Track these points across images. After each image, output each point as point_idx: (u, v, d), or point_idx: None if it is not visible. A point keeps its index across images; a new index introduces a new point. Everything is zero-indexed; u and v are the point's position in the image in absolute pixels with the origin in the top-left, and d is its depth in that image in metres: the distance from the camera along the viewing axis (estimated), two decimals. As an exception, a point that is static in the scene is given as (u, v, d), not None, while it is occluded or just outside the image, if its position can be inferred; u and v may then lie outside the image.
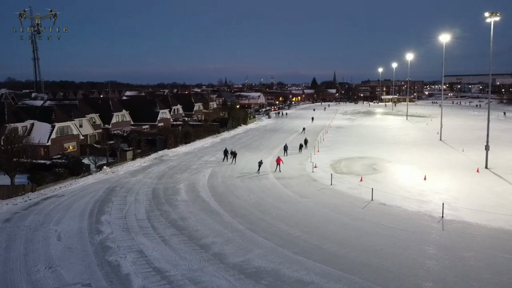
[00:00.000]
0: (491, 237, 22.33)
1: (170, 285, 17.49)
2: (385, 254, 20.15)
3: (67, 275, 18.60)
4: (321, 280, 17.67)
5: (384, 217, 25.82)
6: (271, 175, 38.48)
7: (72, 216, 27.17)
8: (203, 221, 25.77)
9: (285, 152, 47.89)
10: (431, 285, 17.16)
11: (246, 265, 19.26)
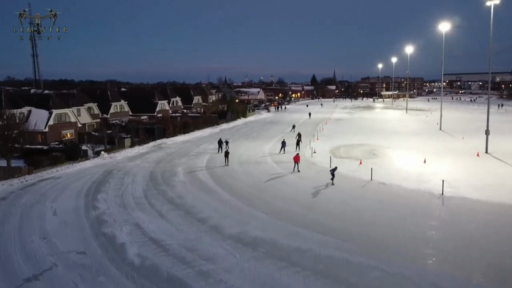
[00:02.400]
0: (492, 212, 22.06)
1: (166, 253, 17.21)
2: (384, 227, 19.88)
3: (62, 245, 18.34)
4: (319, 248, 17.40)
5: (384, 195, 25.55)
6: (269, 160, 38.20)
7: (69, 195, 26.89)
8: (201, 198, 25.49)
9: (282, 149, 41.51)
10: (431, 252, 16.90)
11: (243, 235, 19.00)
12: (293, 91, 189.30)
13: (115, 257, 16.85)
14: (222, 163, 36.01)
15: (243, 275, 14.99)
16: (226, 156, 36.39)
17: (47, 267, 16.05)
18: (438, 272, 15.08)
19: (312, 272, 15.18)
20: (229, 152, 37.43)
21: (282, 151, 41.02)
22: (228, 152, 37.15)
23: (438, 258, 16.28)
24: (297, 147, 41.83)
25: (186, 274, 15.15)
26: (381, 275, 14.86)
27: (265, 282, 14.47)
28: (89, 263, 16.33)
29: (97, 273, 15.48)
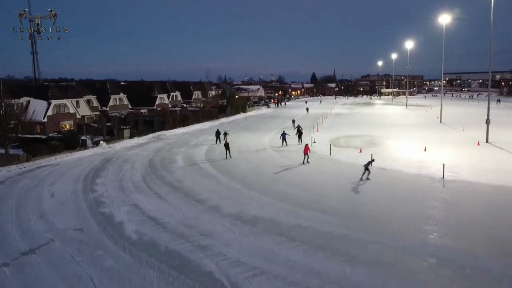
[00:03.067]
0: (493, 193, 21.87)
1: (165, 229, 17.04)
2: (385, 207, 19.67)
3: (59, 223, 18.18)
4: (319, 225, 17.22)
5: (384, 179, 25.36)
6: (269, 149, 38.02)
7: (67, 179, 26.74)
8: (200, 182, 25.33)
9: (283, 142, 39.13)
10: (432, 228, 16.73)
11: (243, 214, 18.83)
12: (293, 88, 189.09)
13: (112, 234, 16.69)
14: (221, 154, 35.67)
15: (242, 249, 14.82)
16: (227, 148, 33.37)
17: (44, 242, 15.89)
18: (439, 245, 14.93)
19: (311, 246, 15.01)
20: (228, 143, 34.55)
21: (285, 144, 38.81)
22: (228, 144, 34.30)
23: (439, 233, 16.12)
24: (299, 139, 40.12)
25: (184, 248, 14.98)
26: (381, 248, 14.69)
27: (264, 254, 14.30)
28: (86, 239, 16.17)
29: (94, 247, 15.31)
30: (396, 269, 13.02)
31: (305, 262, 13.66)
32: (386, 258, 13.87)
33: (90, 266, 13.68)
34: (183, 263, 13.78)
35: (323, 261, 13.69)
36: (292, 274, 12.76)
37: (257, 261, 13.74)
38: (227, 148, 33.30)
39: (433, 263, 13.46)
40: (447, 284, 12.04)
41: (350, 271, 12.90)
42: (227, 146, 33.57)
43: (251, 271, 13.03)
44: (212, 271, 13.08)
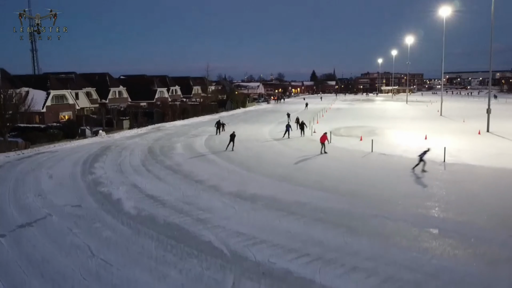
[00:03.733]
0: (494, 175, 21.73)
1: (163, 205, 16.88)
2: (386, 187, 19.47)
3: (57, 200, 18.02)
4: (319, 201, 17.05)
5: (385, 163, 25.24)
6: (269, 138, 37.87)
7: (65, 163, 26.59)
8: (199, 166, 25.18)
9: (286, 133, 37.29)
10: (434, 204, 16.58)
11: (242, 193, 18.66)
12: (293, 86, 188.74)
13: (110, 209, 16.53)
14: (222, 143, 35.43)
15: (242, 222, 14.65)
16: (232, 140, 30.76)
17: (41, 217, 15.72)
18: (441, 218, 14.77)
19: (312, 219, 14.85)
20: (235, 135, 31.47)
21: (287, 136, 36.97)
22: (234, 135, 31.27)
23: (441, 208, 15.96)
24: (301, 132, 38.30)
25: (183, 221, 14.81)
26: (382, 221, 14.52)
27: (264, 227, 14.13)
28: (84, 214, 16.01)
29: (92, 221, 15.15)
30: (398, 239, 12.85)
31: (305, 232, 13.50)
32: (388, 230, 13.71)
33: (88, 236, 13.52)
34: (182, 234, 13.61)
35: (324, 232, 13.53)
36: (292, 243, 12.59)
37: (257, 232, 13.58)
38: (232, 139, 30.74)
39: (435, 233, 13.30)
40: (450, 251, 11.86)
41: (351, 240, 12.74)
42: (232, 137, 30.89)
43: (250, 240, 12.87)
44: (211, 240, 12.92)
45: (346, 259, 11.40)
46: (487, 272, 10.48)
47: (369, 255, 11.66)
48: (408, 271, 10.55)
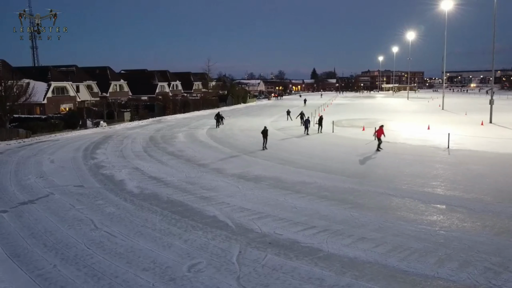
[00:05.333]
0: (498, 158, 21.58)
1: (167, 185, 16.71)
2: (391, 168, 19.31)
3: (59, 181, 17.87)
4: (324, 181, 16.89)
5: (389, 149, 24.99)
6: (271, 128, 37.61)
7: (67, 150, 26.49)
8: (202, 151, 25.06)
9: (305, 130, 32.61)
10: (439, 183, 16.40)
11: (246, 174, 18.50)
12: (293, 84, 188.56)
13: (113, 188, 16.38)
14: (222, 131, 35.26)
15: (246, 199, 14.49)
16: (265, 137, 25.61)
17: (43, 195, 15.56)
18: (448, 196, 14.59)
19: (317, 196, 14.68)
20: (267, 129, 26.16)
21: (306, 132, 32.38)
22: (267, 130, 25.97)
23: (447, 187, 15.78)
24: (319, 127, 33.56)
25: (187, 199, 14.65)
26: (388, 198, 14.35)
27: (269, 203, 13.97)
28: (87, 193, 15.85)
29: (95, 198, 14.99)
30: (405, 213, 12.68)
31: (311, 207, 13.33)
32: (394, 205, 13.54)
33: (91, 212, 13.35)
34: (186, 209, 13.45)
35: (329, 207, 13.37)
36: (298, 217, 12.42)
37: (262, 207, 13.42)
38: (265, 136, 25.64)
39: (442, 209, 13.13)
40: (458, 223, 11.69)
41: (358, 215, 12.57)
42: (265, 133, 25.55)
43: (255, 215, 12.70)
44: (215, 215, 12.75)
45: (353, 230, 11.24)
46: (497, 241, 10.31)
47: (376, 227, 11.50)
48: (416, 241, 10.38)
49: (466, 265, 8.97)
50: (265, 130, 25.91)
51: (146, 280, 8.60)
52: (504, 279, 8.30)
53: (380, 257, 9.43)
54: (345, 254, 9.67)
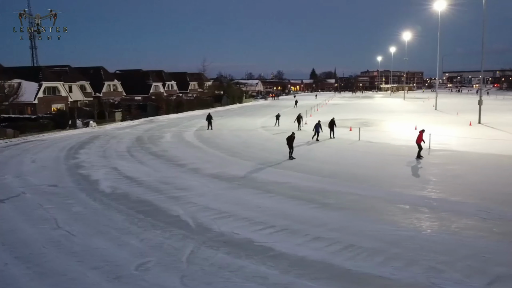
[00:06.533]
0: (479, 158, 21.60)
1: (140, 185, 16.80)
2: (368, 168, 19.32)
3: (34, 180, 17.99)
4: (297, 181, 16.97)
5: (370, 149, 25.13)
6: (260, 129, 37.79)
7: (51, 150, 26.63)
8: (185, 151, 25.18)
9: (316, 135, 28.72)
10: (409, 184, 16.47)
11: (222, 174, 18.58)
12: (292, 84, 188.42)
13: (86, 188, 16.48)
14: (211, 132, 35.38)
15: (215, 198, 14.57)
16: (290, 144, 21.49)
17: (15, 195, 15.66)
18: (415, 195, 14.63)
19: (286, 196, 14.75)
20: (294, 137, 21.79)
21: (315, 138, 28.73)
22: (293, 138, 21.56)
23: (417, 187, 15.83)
24: (331, 132, 29.74)
25: (156, 198, 14.74)
26: (357, 198, 14.40)
27: (236, 202, 14.06)
28: (59, 192, 15.96)
29: (65, 198, 15.09)
30: (368, 213, 12.74)
31: (277, 207, 13.41)
32: (360, 205, 13.59)
33: (58, 211, 13.45)
34: (153, 209, 13.54)
35: (296, 207, 13.45)
36: (261, 216, 12.50)
37: (227, 207, 13.50)
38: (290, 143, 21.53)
39: (405, 209, 13.18)
40: (416, 223, 11.76)
41: (321, 214, 12.65)
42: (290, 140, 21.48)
43: (219, 214, 12.79)
44: (179, 214, 12.84)
45: (311, 230, 11.31)
46: (449, 240, 10.37)
47: (336, 226, 11.57)
48: (371, 240, 10.45)
49: (411, 264, 9.04)
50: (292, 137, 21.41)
51: (92, 278, 8.69)
52: (445, 278, 8.37)
53: (328, 256, 9.51)
54: (295, 253, 9.75)
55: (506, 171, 18.31)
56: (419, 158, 21.51)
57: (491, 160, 20.87)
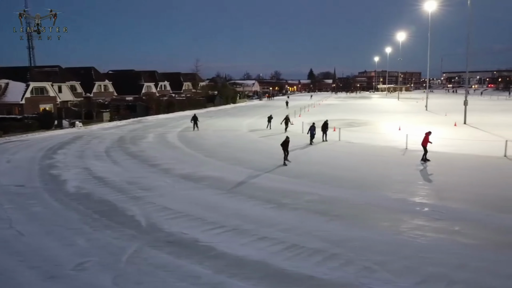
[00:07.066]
0: (451, 159, 21.65)
1: (106, 185, 16.86)
2: (336, 169, 19.37)
3: (3, 181, 18.02)
4: (265, 181, 17.02)
5: (347, 149, 25.17)
6: (245, 129, 37.83)
7: (30, 150, 26.68)
8: (163, 152, 25.23)
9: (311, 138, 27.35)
10: (371, 184, 16.49)
11: (192, 174, 18.63)
12: (289, 84, 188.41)
13: (52, 188, 16.52)
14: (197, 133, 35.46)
15: (175, 199, 14.63)
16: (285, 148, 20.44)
17: (-23, 195, 15.67)
18: (374, 195, 14.66)
19: (247, 196, 14.81)
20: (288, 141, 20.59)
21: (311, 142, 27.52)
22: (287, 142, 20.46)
23: (379, 187, 15.85)
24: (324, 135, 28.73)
25: (117, 199, 14.79)
26: (315, 198, 14.44)
27: (195, 203, 14.11)
28: (24, 192, 16.00)
29: (28, 198, 15.14)
30: (323, 213, 12.77)
31: (234, 207, 13.47)
32: (316, 205, 13.62)
33: (16, 211, 13.52)
34: (110, 209, 13.59)
35: (252, 207, 13.53)
36: (215, 216, 12.55)
37: (185, 207, 13.56)
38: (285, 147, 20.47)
39: (360, 208, 13.23)
40: (365, 223, 11.79)
41: (275, 215, 12.73)
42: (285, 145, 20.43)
43: (174, 214, 12.85)
44: (135, 215, 12.90)
45: (260, 230, 11.36)
46: (394, 241, 10.42)
47: (286, 227, 11.61)
48: (315, 241, 10.50)
49: (348, 264, 9.09)
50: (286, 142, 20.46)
51: (28, 278, 8.76)
52: (375, 278, 8.42)
53: (267, 256, 9.56)
54: (236, 253, 9.80)
55: (476, 171, 18.39)
56: (425, 161, 20.58)
57: (464, 161, 20.93)
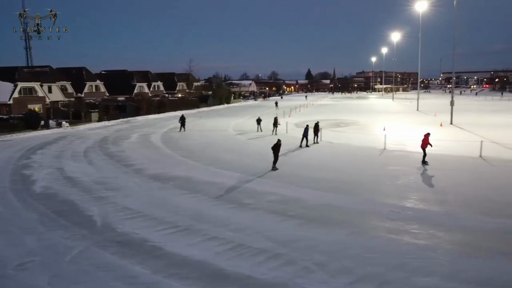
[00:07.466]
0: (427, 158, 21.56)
1: (74, 185, 16.82)
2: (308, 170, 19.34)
3: (-27, 181, 17.94)
4: (232, 181, 16.97)
5: (325, 149, 25.13)
6: (231, 129, 37.81)
7: (9, 150, 26.62)
8: (141, 152, 25.19)
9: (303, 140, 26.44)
10: (338, 184, 16.46)
11: (163, 175, 18.60)
12: (287, 85, 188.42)
13: (19, 188, 16.51)
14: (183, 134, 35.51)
15: (138, 199, 14.60)
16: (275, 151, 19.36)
17: None
18: (337, 197, 14.64)
19: (210, 197, 14.79)
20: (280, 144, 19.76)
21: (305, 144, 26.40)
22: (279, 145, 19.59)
23: (345, 188, 15.83)
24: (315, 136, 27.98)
25: (81, 199, 14.77)
26: (277, 199, 14.42)
27: (159, 202, 14.09)
28: (-10, 192, 15.94)
29: (-8, 198, 15.09)
30: (281, 213, 12.75)
31: (194, 208, 13.45)
32: (278, 205, 13.60)
33: (-24, 211, 13.47)
34: (71, 209, 13.58)
35: (211, 207, 13.51)
36: (172, 217, 12.55)
37: (145, 207, 13.54)
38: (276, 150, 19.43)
39: (319, 209, 13.21)
40: (321, 223, 11.78)
41: (232, 215, 12.70)
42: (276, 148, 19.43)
43: (132, 215, 12.83)
44: (92, 215, 12.88)
45: (213, 230, 11.34)
46: (345, 241, 10.41)
47: (241, 227, 11.60)
48: (264, 240, 10.49)
49: (288, 264, 9.07)
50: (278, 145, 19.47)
51: (-34, 278, 8.71)
52: (311, 278, 8.42)
53: (211, 256, 9.55)
54: (181, 253, 9.79)
55: (448, 171, 18.40)
56: (425, 164, 20.00)
57: (438, 161, 20.88)
